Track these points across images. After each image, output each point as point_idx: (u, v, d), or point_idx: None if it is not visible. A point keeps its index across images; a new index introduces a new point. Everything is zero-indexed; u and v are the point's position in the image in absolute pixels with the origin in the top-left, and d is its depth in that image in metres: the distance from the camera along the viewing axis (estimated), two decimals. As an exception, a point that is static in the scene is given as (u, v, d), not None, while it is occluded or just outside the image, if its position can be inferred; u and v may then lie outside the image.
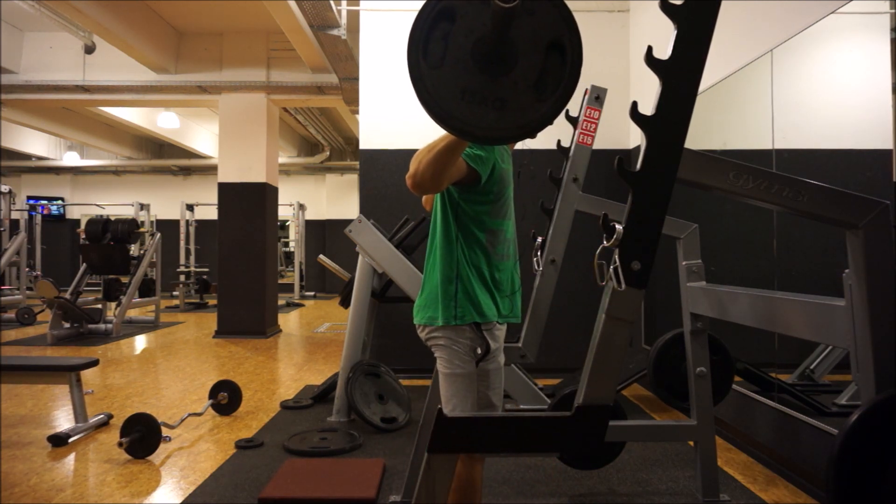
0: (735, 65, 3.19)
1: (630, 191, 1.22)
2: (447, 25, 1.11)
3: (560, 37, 1.14)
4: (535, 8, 1.11)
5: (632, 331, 1.19)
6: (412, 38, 1.11)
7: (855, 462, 1.32)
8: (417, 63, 1.11)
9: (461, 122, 1.13)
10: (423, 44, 1.11)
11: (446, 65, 1.12)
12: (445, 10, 1.11)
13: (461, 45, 1.12)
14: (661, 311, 4.39)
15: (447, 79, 1.12)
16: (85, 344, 6.46)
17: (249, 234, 7.10)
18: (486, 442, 1.31)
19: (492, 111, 1.13)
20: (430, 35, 1.11)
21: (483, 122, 1.13)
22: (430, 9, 1.11)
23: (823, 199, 1.49)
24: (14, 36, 7.19)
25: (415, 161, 1.45)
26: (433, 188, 1.50)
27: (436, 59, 1.11)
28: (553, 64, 1.14)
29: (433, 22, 1.11)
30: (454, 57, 1.12)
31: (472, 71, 1.12)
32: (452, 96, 1.12)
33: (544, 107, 1.14)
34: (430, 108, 1.12)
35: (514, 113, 1.14)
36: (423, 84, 1.11)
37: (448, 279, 1.61)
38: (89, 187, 13.94)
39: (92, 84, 7.16)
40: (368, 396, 3.49)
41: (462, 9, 1.11)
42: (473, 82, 1.12)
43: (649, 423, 2.84)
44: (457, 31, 1.11)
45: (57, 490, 2.54)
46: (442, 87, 1.12)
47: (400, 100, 4.87)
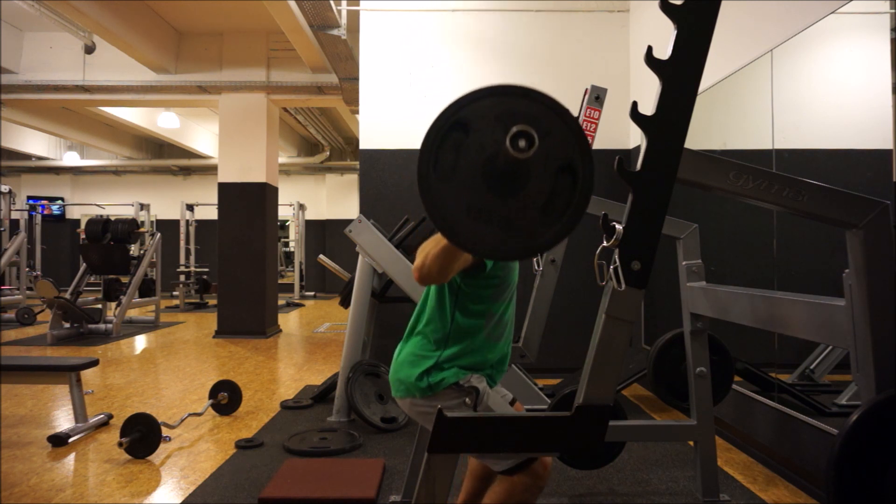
0: (735, 65, 3.19)
1: (630, 191, 1.22)
2: (460, 136, 1.11)
3: (572, 161, 1.12)
4: (551, 129, 1.11)
5: (632, 331, 1.19)
6: (424, 147, 1.10)
7: (855, 462, 1.32)
8: (427, 174, 1.10)
9: (466, 239, 1.12)
10: (434, 154, 1.10)
11: (455, 179, 1.11)
12: (460, 121, 1.11)
13: (471, 161, 1.11)
14: (661, 311, 4.39)
15: (455, 193, 1.11)
16: (85, 344, 6.46)
17: (249, 234, 7.10)
18: (486, 442, 1.31)
19: (498, 230, 1.12)
20: (443, 145, 1.10)
21: (488, 240, 1.12)
22: (444, 119, 1.11)
23: (823, 199, 1.49)
24: (14, 36, 7.19)
25: (421, 254, 1.44)
26: (440, 281, 1.49)
27: (445, 172, 1.10)
28: (563, 186, 1.13)
29: (447, 132, 1.10)
30: (463, 171, 1.11)
31: (481, 188, 1.11)
32: (459, 211, 1.11)
33: (551, 231, 1.13)
34: (436, 220, 1.11)
35: (521, 234, 1.13)
36: (431, 196, 1.10)
37: (431, 354, 1.59)
38: (89, 187, 13.94)
39: (92, 84, 7.16)
40: (368, 396, 3.49)
41: (476, 122, 1.11)
42: (481, 200, 1.11)
43: (649, 423, 2.84)
44: (469, 145, 1.11)
45: (57, 490, 2.54)
46: (449, 201, 1.11)
47: (400, 100, 4.87)
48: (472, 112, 1.11)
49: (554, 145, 1.11)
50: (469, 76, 4.89)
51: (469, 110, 1.11)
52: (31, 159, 12.52)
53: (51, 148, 12.42)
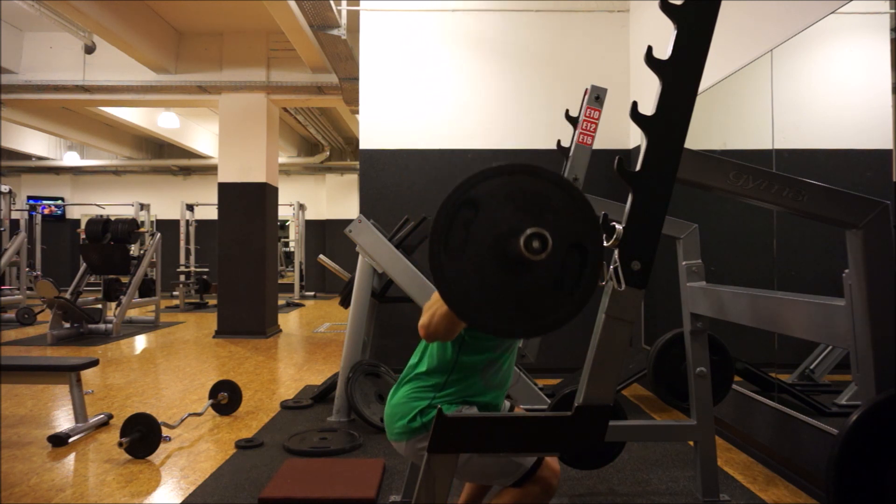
0: (735, 65, 3.19)
1: (630, 191, 1.22)
2: (470, 214, 1.11)
3: (582, 239, 1.13)
4: (560, 208, 1.12)
5: (632, 331, 1.19)
6: (436, 225, 1.11)
7: (855, 462, 1.32)
8: (439, 253, 1.11)
9: (477, 316, 1.13)
10: (445, 232, 1.11)
11: (466, 257, 1.11)
12: (469, 200, 1.12)
13: (482, 240, 1.11)
14: (661, 311, 4.39)
15: (465, 272, 1.11)
16: (85, 344, 6.46)
17: (249, 234, 7.10)
18: (486, 442, 1.31)
19: (509, 307, 1.13)
20: (453, 224, 1.11)
21: (499, 317, 1.13)
22: (455, 199, 1.11)
23: (823, 199, 1.49)
24: (14, 36, 7.19)
25: (428, 312, 1.45)
26: (446, 340, 1.51)
27: (456, 250, 1.11)
28: (573, 263, 1.13)
29: (457, 210, 1.11)
30: (474, 250, 1.11)
31: (491, 267, 1.12)
32: (470, 289, 1.11)
33: (561, 310, 1.14)
34: (447, 297, 1.12)
35: (530, 312, 1.14)
36: (442, 274, 1.11)
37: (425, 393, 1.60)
38: (89, 187, 13.94)
39: (92, 84, 7.16)
40: (368, 396, 3.49)
41: (486, 201, 1.11)
42: (491, 278, 1.12)
43: (649, 423, 2.84)
44: (479, 224, 1.11)
45: (57, 490, 2.54)
46: (459, 280, 1.11)
47: (400, 100, 4.87)
48: (481, 191, 1.12)
49: (563, 223, 1.11)
50: (469, 76, 4.90)
51: (479, 190, 1.12)
52: (31, 159, 12.52)
53: (51, 148, 12.42)
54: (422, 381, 1.63)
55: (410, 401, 1.61)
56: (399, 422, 1.61)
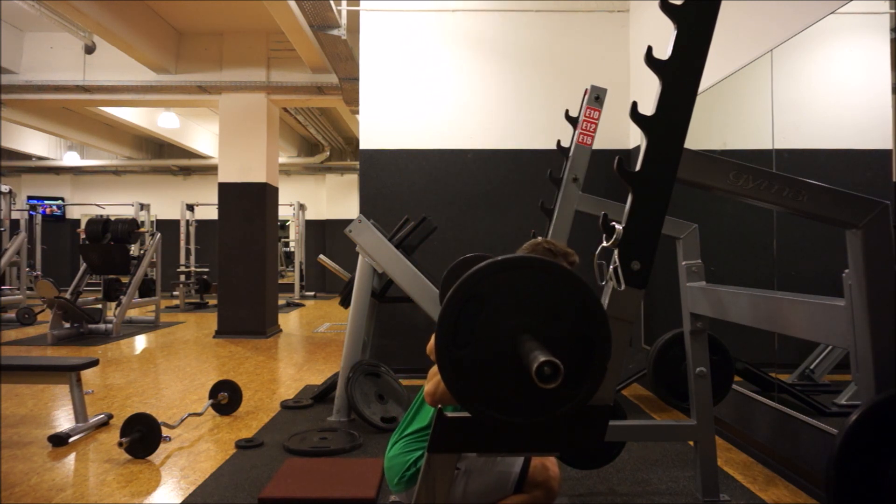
0: (735, 65, 3.19)
1: (630, 191, 1.22)
2: (475, 309, 1.12)
3: (588, 332, 1.13)
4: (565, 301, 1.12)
5: (632, 331, 1.20)
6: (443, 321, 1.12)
7: (855, 462, 1.32)
8: (447, 348, 1.12)
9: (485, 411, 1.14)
10: (452, 329, 1.12)
11: (471, 350, 1.12)
12: (475, 295, 1.13)
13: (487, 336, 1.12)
14: (661, 311, 4.39)
15: (471, 366, 1.12)
16: (85, 344, 6.46)
17: (249, 234, 7.10)
18: (486, 442, 1.31)
19: (516, 401, 1.14)
20: (460, 319, 1.12)
21: (507, 411, 1.14)
22: (460, 295, 1.12)
23: (823, 198, 1.49)
24: (14, 36, 7.19)
25: (433, 380, 1.48)
26: (451, 404, 1.53)
27: (462, 345, 1.12)
28: (579, 358, 1.13)
29: (463, 305, 1.12)
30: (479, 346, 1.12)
31: (495, 363, 1.12)
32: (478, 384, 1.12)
33: (565, 404, 1.14)
34: (456, 393, 1.13)
35: (534, 406, 1.14)
36: (450, 371, 1.12)
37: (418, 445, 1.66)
38: (89, 187, 13.94)
39: (92, 84, 7.16)
40: (368, 396, 3.49)
41: (490, 297, 1.12)
42: (496, 373, 1.13)
43: (649, 423, 2.84)
44: (485, 320, 1.12)
45: (57, 490, 2.54)
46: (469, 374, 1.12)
47: (400, 100, 4.87)
48: (487, 286, 1.12)
49: (571, 318, 1.12)
50: (469, 76, 4.90)
51: (485, 284, 1.12)
52: (31, 159, 12.51)
53: (51, 148, 12.42)
54: (416, 434, 1.70)
55: (405, 453, 1.68)
56: (398, 473, 1.68)
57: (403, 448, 1.69)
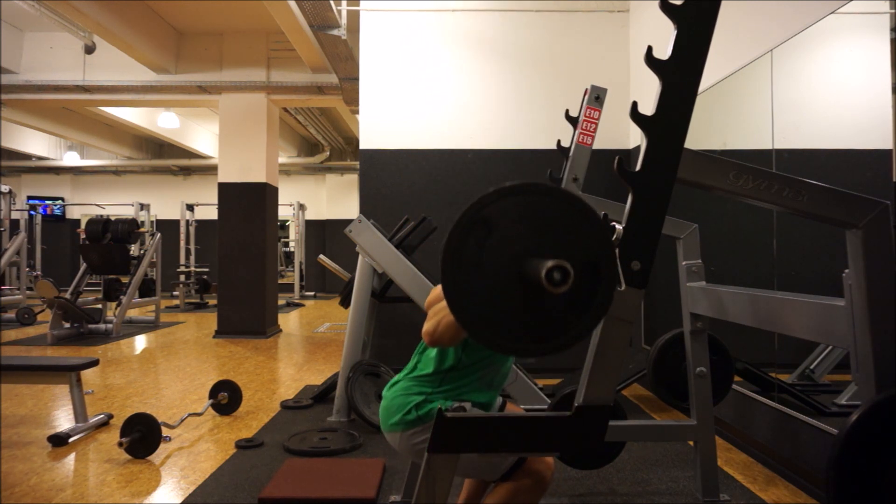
0: (735, 65, 3.19)
1: (630, 191, 1.22)
2: (483, 234, 1.11)
3: (597, 260, 1.13)
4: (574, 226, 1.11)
5: (632, 331, 1.20)
6: (448, 244, 1.10)
7: (855, 462, 1.32)
8: (452, 272, 1.10)
9: (484, 336, 1.13)
10: (458, 251, 1.11)
11: (477, 275, 1.11)
12: (483, 219, 1.11)
13: (495, 260, 1.11)
14: (661, 311, 4.39)
15: (477, 289, 1.11)
16: (85, 344, 6.46)
17: (249, 234, 7.10)
18: (486, 442, 1.31)
19: (519, 327, 1.13)
20: (465, 243, 1.11)
21: (510, 336, 1.13)
22: (467, 218, 1.11)
23: (823, 199, 1.49)
24: (14, 36, 7.19)
25: (433, 318, 1.46)
26: (451, 346, 1.54)
27: (468, 268, 1.11)
28: (586, 283, 1.13)
29: (469, 230, 1.11)
30: (486, 269, 1.11)
31: (503, 287, 1.11)
32: (480, 308, 1.11)
33: (571, 331, 1.14)
34: (460, 317, 1.12)
35: (540, 332, 1.14)
36: (453, 292, 1.11)
37: (423, 388, 1.62)
38: (89, 187, 13.94)
39: (92, 84, 7.16)
40: (368, 396, 3.49)
41: (498, 220, 1.11)
42: (503, 297, 1.12)
43: (649, 423, 2.84)
44: (492, 244, 1.11)
45: (57, 490, 2.54)
46: (471, 297, 1.11)
47: (400, 100, 4.87)
48: (495, 210, 1.11)
49: (578, 245, 1.11)
50: (469, 76, 4.90)
51: (493, 208, 1.11)
52: (31, 159, 12.51)
53: (51, 148, 12.42)
54: (419, 379, 1.65)
55: (407, 395, 1.63)
56: (395, 414, 1.63)
57: (405, 390, 1.64)
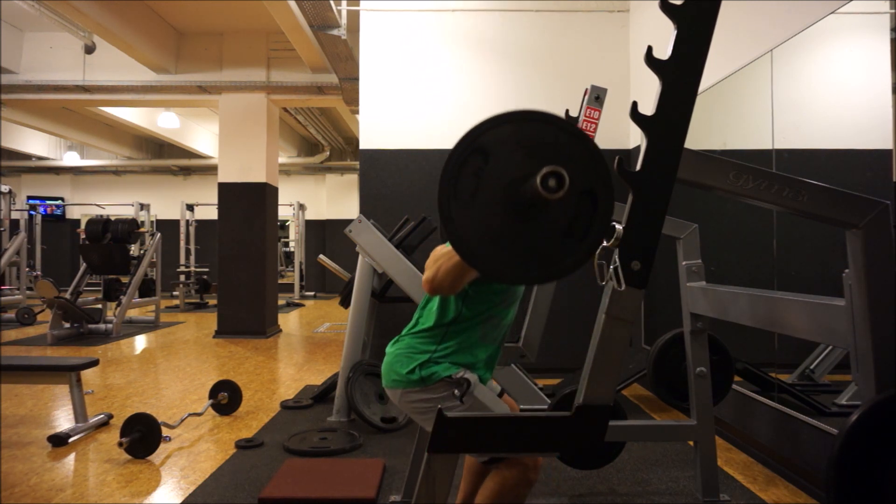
0: (735, 65, 3.19)
1: (630, 191, 1.22)
2: (480, 163, 1.11)
3: (594, 187, 1.13)
4: (574, 156, 1.11)
5: (632, 331, 1.20)
6: (445, 173, 1.11)
7: (855, 462, 1.32)
8: (448, 201, 1.11)
9: (486, 264, 1.13)
10: (454, 180, 1.11)
11: (475, 205, 1.11)
12: (479, 147, 1.11)
13: (492, 187, 1.11)
14: (661, 311, 4.39)
15: (475, 219, 1.11)
16: (85, 344, 6.46)
17: (249, 234, 7.10)
18: (486, 442, 1.31)
19: (519, 255, 1.13)
20: (462, 171, 1.11)
21: (508, 265, 1.13)
22: (464, 146, 1.11)
23: (823, 199, 1.49)
24: (14, 36, 7.19)
25: (432, 266, 1.46)
26: (450, 293, 1.54)
27: (466, 198, 1.11)
28: (583, 211, 1.13)
29: (466, 158, 1.11)
30: (484, 198, 1.11)
31: (501, 214, 1.12)
32: (480, 237, 1.12)
33: (570, 258, 1.14)
34: (457, 246, 1.12)
35: (541, 259, 1.14)
36: (452, 222, 1.11)
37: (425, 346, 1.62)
38: (89, 187, 13.94)
39: (92, 84, 7.16)
40: (368, 396, 3.49)
41: (496, 148, 1.11)
42: (501, 226, 1.12)
43: (649, 423, 2.84)
44: (489, 172, 1.11)
45: (57, 490, 2.54)
46: (470, 228, 1.11)
47: (400, 100, 4.87)
48: (491, 138, 1.11)
49: (575, 171, 1.11)
50: (469, 76, 4.89)
51: (489, 136, 1.11)
52: (31, 159, 12.51)
53: (51, 148, 12.41)
54: (423, 335, 1.65)
55: (412, 352, 1.63)
56: (399, 370, 1.62)
57: (409, 347, 1.64)
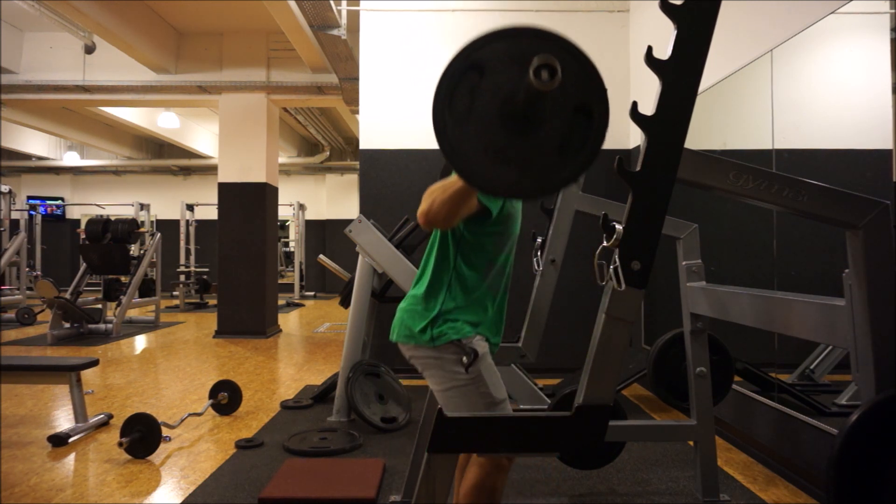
0: (735, 65, 3.19)
1: (630, 191, 1.22)
2: (475, 78, 1.11)
3: (589, 102, 1.13)
4: (567, 70, 1.09)
5: (632, 331, 1.20)
6: (439, 89, 1.10)
7: (855, 462, 1.32)
8: (443, 116, 1.10)
9: (482, 179, 1.13)
10: (449, 96, 1.10)
11: (471, 120, 1.11)
12: (475, 63, 1.11)
13: (488, 102, 1.11)
14: (661, 311, 4.39)
15: (471, 134, 1.11)
16: (85, 344, 6.46)
17: (249, 234, 7.10)
18: (486, 442, 1.31)
19: (514, 170, 1.13)
20: (458, 87, 1.10)
21: (504, 180, 1.13)
22: (459, 61, 1.10)
23: (823, 199, 1.49)
24: (14, 36, 7.19)
25: (427, 198, 1.45)
26: (445, 226, 1.52)
27: (461, 113, 1.11)
28: (578, 126, 1.13)
29: (461, 74, 1.11)
30: (479, 113, 1.11)
31: (497, 129, 1.11)
32: (475, 152, 1.11)
33: (566, 171, 1.14)
34: (453, 161, 1.12)
35: (536, 174, 1.13)
36: (447, 137, 1.11)
37: (432, 303, 1.61)
38: (89, 187, 13.93)
39: (92, 84, 7.16)
40: (368, 396, 3.49)
41: (492, 64, 1.10)
42: (497, 140, 1.12)
43: (649, 423, 2.84)
44: (484, 87, 1.11)
45: (57, 490, 2.54)
46: (465, 143, 1.11)
47: (400, 100, 4.87)
48: (486, 54, 1.11)
49: (569, 85, 1.10)
50: (469, 76, 4.89)
51: (484, 52, 1.11)
52: (31, 159, 12.51)
53: (51, 148, 12.41)
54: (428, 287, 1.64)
55: (421, 307, 1.62)
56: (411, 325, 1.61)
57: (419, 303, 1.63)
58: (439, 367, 1.58)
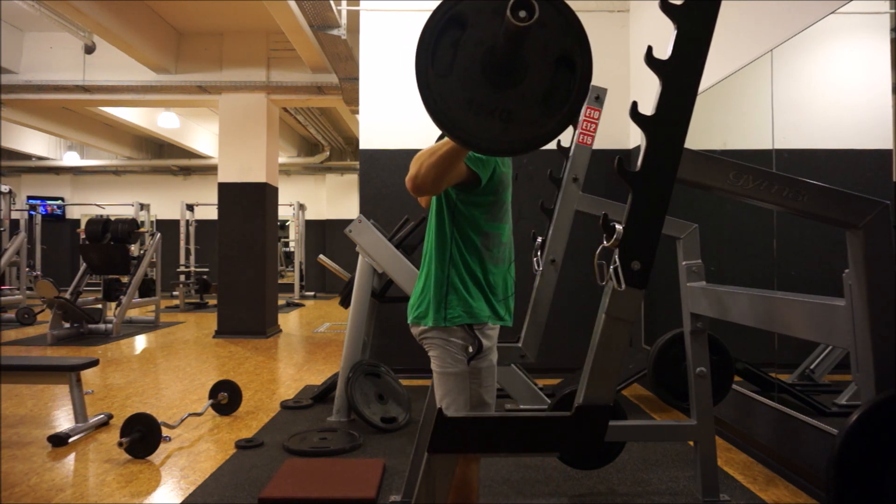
0: (735, 65, 3.19)
1: (630, 191, 1.22)
2: (457, 32, 1.10)
3: (571, 52, 1.12)
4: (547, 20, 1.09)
5: (632, 331, 1.20)
6: (421, 43, 1.10)
7: (855, 462, 1.32)
8: (425, 70, 1.10)
9: (466, 133, 1.12)
10: (431, 50, 1.10)
11: (454, 74, 1.11)
12: (456, 16, 1.10)
13: (470, 55, 1.11)
14: (661, 311, 4.39)
15: (454, 88, 1.11)
16: (85, 344, 6.46)
17: (249, 234, 7.10)
18: (486, 442, 1.31)
19: (498, 123, 1.12)
20: (440, 41, 1.10)
21: (488, 133, 1.12)
22: (440, 15, 1.10)
23: (823, 199, 1.49)
24: (14, 36, 7.19)
25: (415, 163, 1.45)
26: (433, 191, 1.52)
27: (444, 67, 1.10)
28: (562, 79, 1.13)
29: (443, 28, 1.10)
30: (462, 66, 1.11)
31: (480, 82, 1.11)
32: (459, 106, 1.11)
33: (551, 122, 1.14)
34: (436, 115, 1.11)
35: (521, 127, 1.13)
36: (430, 92, 1.10)
37: (440, 280, 1.61)
38: (89, 187, 13.93)
39: (92, 84, 7.16)
40: (368, 396, 3.49)
41: (473, 17, 1.10)
42: (481, 93, 1.11)
43: (649, 423, 2.84)
44: (466, 40, 1.10)
45: (57, 490, 2.54)
46: (448, 96, 1.11)
47: (400, 100, 4.87)
48: (467, 7, 1.10)
49: (551, 36, 1.10)
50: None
51: (465, 5, 1.10)
52: (31, 159, 12.51)
53: (51, 148, 12.41)
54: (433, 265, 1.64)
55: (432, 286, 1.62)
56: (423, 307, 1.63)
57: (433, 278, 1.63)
58: (444, 348, 1.59)
